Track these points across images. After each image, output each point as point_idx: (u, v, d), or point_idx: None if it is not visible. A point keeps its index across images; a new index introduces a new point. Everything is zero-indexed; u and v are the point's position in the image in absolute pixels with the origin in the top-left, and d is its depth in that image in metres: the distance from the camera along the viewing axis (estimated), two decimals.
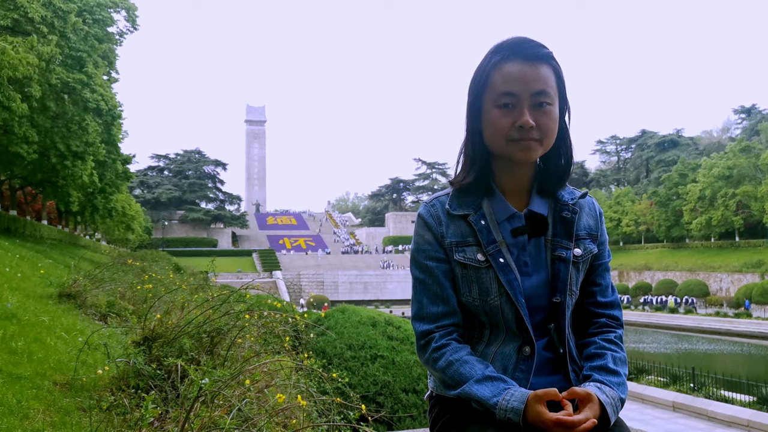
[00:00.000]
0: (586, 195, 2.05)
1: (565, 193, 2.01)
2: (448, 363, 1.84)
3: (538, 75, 1.84)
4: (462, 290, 1.92)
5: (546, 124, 1.85)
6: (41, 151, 28.57)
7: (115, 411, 4.59)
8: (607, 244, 2.07)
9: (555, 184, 1.99)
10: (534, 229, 1.94)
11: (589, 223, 2.01)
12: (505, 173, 1.97)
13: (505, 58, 1.86)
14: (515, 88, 1.83)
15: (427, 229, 1.96)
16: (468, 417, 1.84)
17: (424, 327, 1.92)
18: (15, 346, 6.34)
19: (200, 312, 5.67)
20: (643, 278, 72.76)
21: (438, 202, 1.99)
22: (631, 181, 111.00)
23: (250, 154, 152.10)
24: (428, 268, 1.94)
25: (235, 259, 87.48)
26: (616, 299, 2.05)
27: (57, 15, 26.24)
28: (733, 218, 68.38)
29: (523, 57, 1.85)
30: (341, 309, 9.44)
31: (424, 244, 1.96)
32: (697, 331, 45.87)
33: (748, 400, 16.22)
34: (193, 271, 26.12)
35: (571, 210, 1.98)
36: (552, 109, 1.86)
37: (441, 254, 1.93)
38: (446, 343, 1.88)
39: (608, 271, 2.06)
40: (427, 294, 1.93)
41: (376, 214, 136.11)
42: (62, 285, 11.23)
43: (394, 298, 70.59)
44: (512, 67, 1.85)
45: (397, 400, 7.46)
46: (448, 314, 1.92)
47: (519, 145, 1.84)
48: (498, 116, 1.86)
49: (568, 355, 1.93)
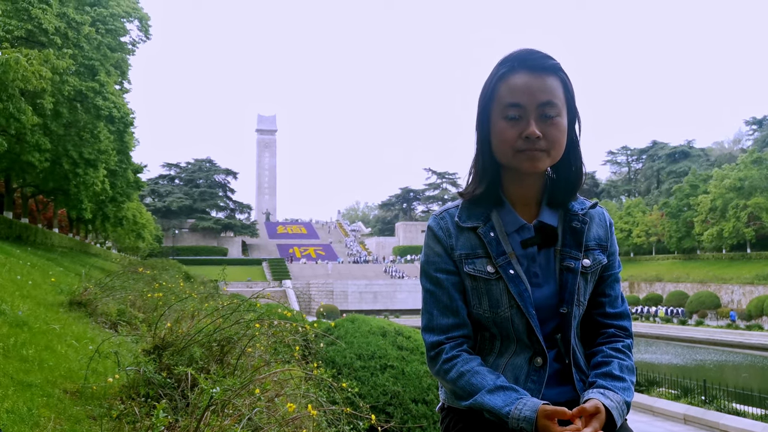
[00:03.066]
0: (597, 205, 2.05)
1: (576, 203, 2.01)
2: (460, 374, 1.84)
3: (545, 86, 1.85)
4: (472, 302, 1.93)
5: (553, 135, 1.85)
6: (53, 159, 28.70)
7: (126, 419, 4.60)
8: (617, 254, 2.07)
9: (565, 195, 1.99)
10: (544, 241, 1.95)
11: (598, 234, 2.01)
12: (514, 184, 1.97)
13: (511, 69, 1.88)
14: (521, 99, 1.85)
15: (436, 242, 1.97)
16: (480, 428, 1.84)
17: (434, 338, 1.92)
18: (26, 354, 6.37)
19: (210, 321, 5.67)
20: (654, 290, 72.32)
21: (447, 215, 2.00)
22: (641, 192, 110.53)
23: (261, 163, 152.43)
24: (438, 280, 1.94)
25: (245, 268, 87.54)
26: (625, 310, 2.05)
27: (71, 26, 26.42)
28: (744, 230, 67.87)
29: (529, 68, 1.87)
30: (351, 318, 9.42)
31: (433, 256, 1.97)
32: (709, 343, 45.49)
33: (761, 413, 16.06)
34: (203, 280, 26.18)
35: (581, 220, 1.98)
36: (559, 120, 1.87)
37: (451, 266, 1.94)
38: (457, 354, 1.88)
39: (618, 282, 2.06)
40: (437, 306, 1.94)
41: (386, 223, 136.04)
42: (73, 293, 11.27)
43: (404, 307, 70.36)
44: (519, 78, 1.87)
45: (406, 411, 7.43)
46: (458, 326, 1.92)
47: (526, 155, 1.85)
48: (505, 127, 1.87)
49: (574, 365, 1.93)
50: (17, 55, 19.54)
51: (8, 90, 20.42)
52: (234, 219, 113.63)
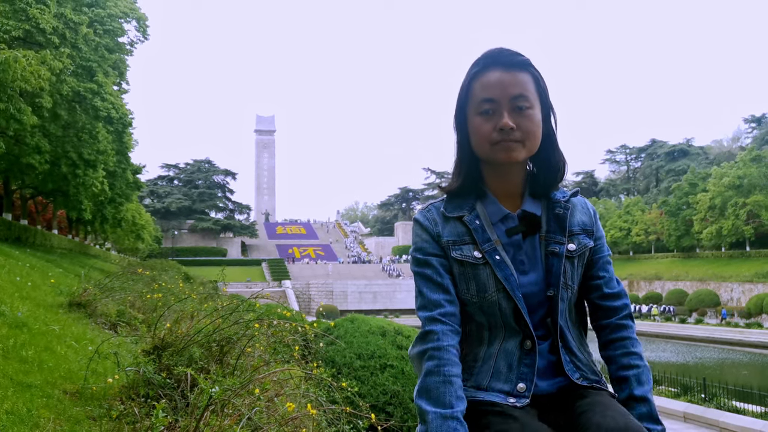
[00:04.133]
0: (578, 194, 2.11)
1: (558, 192, 2.07)
2: (436, 371, 1.82)
3: (516, 80, 1.92)
4: (460, 287, 1.97)
5: (526, 126, 1.92)
6: (53, 161, 28.71)
7: (125, 420, 4.60)
8: (604, 239, 2.12)
9: (546, 186, 2.05)
10: (528, 228, 2.00)
11: (582, 219, 2.06)
12: (495, 178, 2.03)
13: (484, 67, 1.97)
14: (494, 93, 1.92)
15: (423, 230, 2.02)
16: (478, 422, 1.84)
17: (427, 314, 1.93)
18: (26, 355, 6.37)
19: (210, 321, 5.67)
20: (653, 288, 72.38)
21: (433, 207, 2.06)
22: (641, 190, 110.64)
23: (260, 163, 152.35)
24: (427, 262, 1.98)
25: (245, 268, 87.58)
26: (622, 289, 2.09)
27: (68, 26, 26.40)
28: (743, 228, 67.99)
29: (500, 65, 1.94)
30: (350, 318, 9.41)
31: (422, 242, 2.02)
32: (708, 341, 45.56)
33: (761, 411, 16.07)
34: (202, 281, 26.19)
35: (563, 207, 2.03)
36: (532, 112, 1.93)
37: (439, 251, 1.99)
38: (447, 349, 1.86)
39: (610, 264, 2.11)
40: (428, 285, 1.96)
41: (385, 223, 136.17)
42: (72, 294, 11.27)
43: (404, 307, 70.31)
44: (491, 75, 1.95)
45: (406, 410, 7.43)
46: (449, 301, 1.94)
47: (501, 146, 1.91)
48: (480, 123, 1.94)
49: (564, 348, 1.97)
50: (16, 54, 19.53)
51: (7, 90, 20.42)
52: (233, 220, 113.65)
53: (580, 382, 1.96)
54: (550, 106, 2.01)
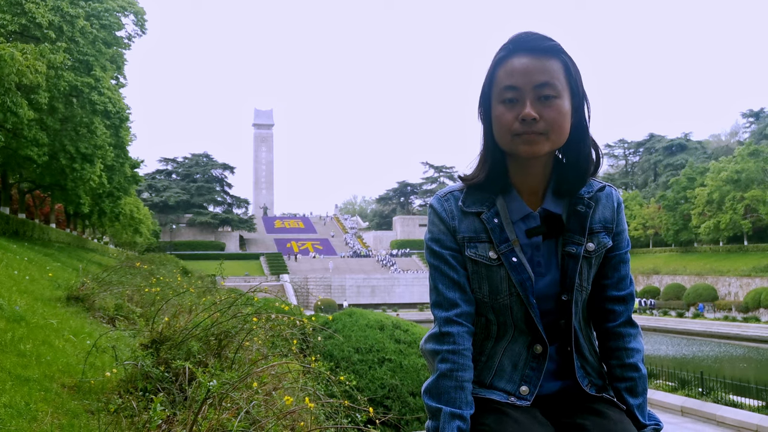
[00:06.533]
0: (605, 188, 1.99)
1: (585, 187, 1.96)
2: (450, 375, 1.81)
3: (542, 67, 1.80)
4: (473, 285, 1.91)
5: (551, 117, 1.80)
6: (50, 154, 28.67)
7: (123, 413, 4.60)
8: (625, 233, 2.00)
9: (575, 182, 1.93)
10: (550, 230, 1.90)
11: (604, 216, 1.95)
12: (518, 171, 1.93)
13: (509, 53, 1.84)
14: (518, 81, 1.80)
15: (441, 221, 1.94)
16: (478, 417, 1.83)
17: (444, 314, 1.88)
18: (23, 349, 6.36)
19: (208, 315, 5.68)
20: (651, 282, 72.51)
21: (452, 197, 1.96)
22: (639, 184, 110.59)
23: (258, 157, 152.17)
24: (443, 255, 1.91)
25: (243, 262, 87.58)
26: (629, 293, 2.00)
27: (65, 20, 26.33)
28: (741, 222, 68.04)
29: (527, 50, 1.82)
30: (349, 312, 9.42)
31: (438, 233, 1.93)
32: (706, 335, 45.63)
33: (758, 405, 16.10)
34: (200, 275, 26.17)
35: (585, 204, 1.93)
36: (558, 102, 1.80)
37: (455, 245, 1.91)
38: (463, 353, 1.84)
39: (624, 263, 2.00)
40: (443, 281, 1.90)
41: (383, 217, 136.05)
42: (70, 288, 11.28)
43: (402, 301, 70.36)
44: (516, 61, 1.82)
45: (404, 404, 7.44)
46: (465, 300, 1.89)
47: (522, 138, 1.80)
48: (502, 111, 1.83)
49: (576, 352, 1.92)
50: (12, 50, 19.47)
51: (4, 84, 20.37)
52: (231, 214, 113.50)
53: (588, 389, 1.91)
54: (582, 95, 1.89)
